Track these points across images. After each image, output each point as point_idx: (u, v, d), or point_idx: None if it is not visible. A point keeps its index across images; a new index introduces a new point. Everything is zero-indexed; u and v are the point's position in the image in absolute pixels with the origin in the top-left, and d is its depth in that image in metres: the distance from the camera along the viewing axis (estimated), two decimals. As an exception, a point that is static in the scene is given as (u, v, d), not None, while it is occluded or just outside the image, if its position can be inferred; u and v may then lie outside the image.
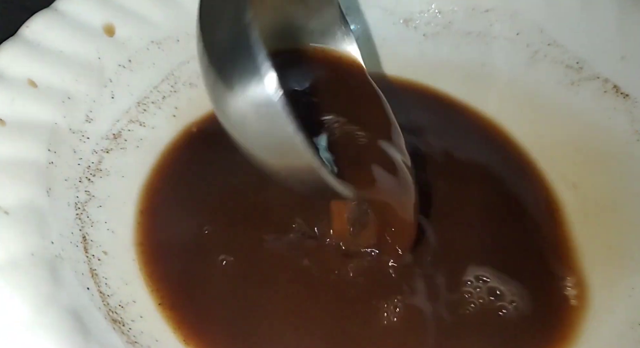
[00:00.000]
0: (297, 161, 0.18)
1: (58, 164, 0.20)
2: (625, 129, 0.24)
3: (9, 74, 0.20)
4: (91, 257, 0.20)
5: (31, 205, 0.19)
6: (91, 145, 0.22)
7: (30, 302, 0.16)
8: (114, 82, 0.23)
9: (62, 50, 0.22)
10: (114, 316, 0.19)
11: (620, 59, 0.25)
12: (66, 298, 0.17)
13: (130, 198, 0.23)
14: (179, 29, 0.25)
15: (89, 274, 0.19)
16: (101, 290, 0.19)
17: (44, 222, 0.19)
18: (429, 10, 0.28)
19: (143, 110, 0.24)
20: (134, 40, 0.24)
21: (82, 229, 0.20)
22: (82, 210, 0.21)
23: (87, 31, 0.23)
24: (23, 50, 0.21)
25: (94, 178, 0.22)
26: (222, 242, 0.22)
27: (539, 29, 0.27)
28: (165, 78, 0.25)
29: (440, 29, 0.28)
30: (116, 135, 0.23)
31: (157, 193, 0.23)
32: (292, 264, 0.21)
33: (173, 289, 0.20)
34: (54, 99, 0.21)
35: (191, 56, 0.26)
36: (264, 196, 0.23)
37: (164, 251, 0.21)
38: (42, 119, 0.20)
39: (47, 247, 0.18)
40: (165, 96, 0.25)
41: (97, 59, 0.23)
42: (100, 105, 0.23)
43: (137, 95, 0.24)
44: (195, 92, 0.26)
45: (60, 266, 0.18)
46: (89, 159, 0.22)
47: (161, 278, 0.21)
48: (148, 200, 0.23)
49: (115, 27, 0.23)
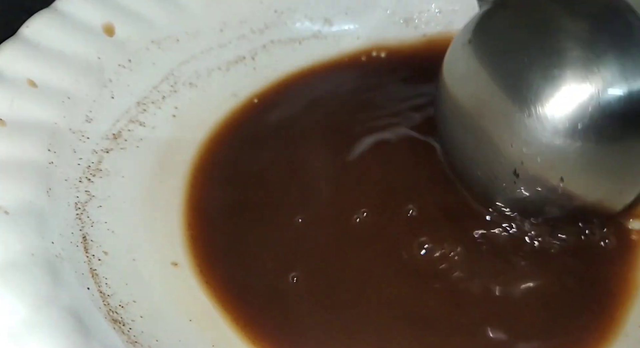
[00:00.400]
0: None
1: (58, 163, 0.20)
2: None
3: (9, 74, 0.20)
4: (91, 257, 0.20)
5: (31, 205, 0.19)
6: (91, 145, 0.22)
7: (30, 302, 0.16)
8: (114, 82, 0.23)
9: (62, 50, 0.22)
10: (114, 316, 0.19)
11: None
12: (66, 298, 0.17)
13: (131, 198, 0.23)
14: (178, 29, 0.25)
15: (89, 274, 0.19)
16: (101, 290, 0.19)
17: (44, 222, 0.19)
18: (429, 10, 0.28)
19: (143, 110, 0.24)
20: (134, 40, 0.24)
21: (82, 229, 0.20)
22: (82, 210, 0.21)
23: (87, 31, 0.23)
24: (23, 50, 0.21)
25: (94, 178, 0.22)
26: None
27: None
28: (165, 78, 0.25)
29: (441, 29, 0.28)
30: (116, 135, 0.23)
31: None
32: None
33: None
34: (54, 99, 0.21)
35: (191, 56, 0.26)
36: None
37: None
38: (42, 119, 0.20)
39: (47, 247, 0.18)
40: (165, 96, 0.25)
41: (97, 59, 0.23)
42: (100, 105, 0.23)
43: (137, 95, 0.24)
44: (195, 92, 0.26)
45: (60, 266, 0.18)
46: (89, 158, 0.22)
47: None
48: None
49: (115, 27, 0.23)
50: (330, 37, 0.27)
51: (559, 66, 0.18)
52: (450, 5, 0.28)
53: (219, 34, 0.27)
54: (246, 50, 0.27)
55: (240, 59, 0.27)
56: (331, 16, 0.28)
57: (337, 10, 0.28)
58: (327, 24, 0.28)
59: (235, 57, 0.27)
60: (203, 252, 0.22)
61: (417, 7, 0.28)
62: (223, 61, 0.27)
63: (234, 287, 0.21)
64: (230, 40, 0.27)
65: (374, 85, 0.27)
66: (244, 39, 0.27)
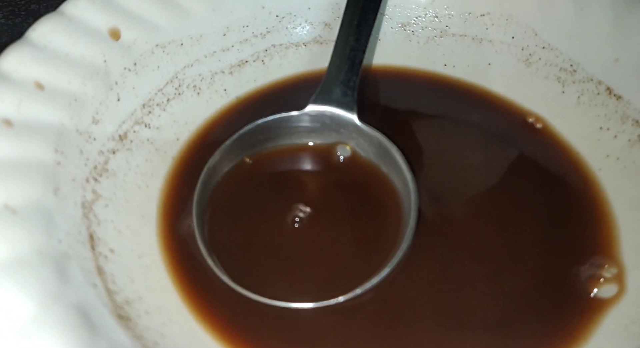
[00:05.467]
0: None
1: (65, 164, 0.20)
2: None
3: (17, 76, 0.20)
4: (98, 255, 0.20)
5: (38, 205, 0.19)
6: (98, 146, 0.22)
7: (38, 299, 0.17)
8: (120, 85, 0.24)
9: (69, 53, 0.22)
10: (120, 312, 0.19)
11: (614, 62, 0.25)
12: (73, 295, 0.17)
13: (136, 197, 0.23)
14: (183, 33, 0.26)
15: (96, 271, 0.19)
16: (108, 287, 0.19)
17: (51, 221, 0.19)
18: (426, 14, 0.29)
19: (148, 112, 0.25)
20: (139, 43, 0.24)
21: (89, 228, 0.20)
22: (89, 210, 0.21)
23: (93, 35, 0.23)
24: (30, 53, 0.21)
25: (101, 178, 0.22)
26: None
27: (534, 32, 0.27)
28: (169, 81, 0.26)
29: (437, 33, 0.29)
30: (122, 137, 0.23)
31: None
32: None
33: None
34: (61, 101, 0.21)
35: (195, 59, 0.26)
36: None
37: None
38: (49, 121, 0.21)
39: (54, 245, 0.18)
40: (169, 98, 0.26)
41: (103, 62, 0.23)
42: (107, 107, 0.23)
43: (142, 98, 0.24)
44: (199, 94, 0.27)
45: (67, 264, 0.18)
46: (96, 159, 0.22)
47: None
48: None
49: (121, 31, 0.24)
50: (331, 41, 0.27)
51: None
52: (446, 9, 0.29)
53: (222, 38, 0.27)
54: (249, 54, 0.28)
55: (243, 63, 0.28)
56: (331, 21, 0.29)
57: (336, 15, 0.28)
58: (328, 28, 0.29)
59: (238, 61, 0.28)
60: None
61: (414, 12, 0.29)
62: (226, 65, 0.27)
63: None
64: (233, 44, 0.27)
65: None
66: (246, 43, 0.28)
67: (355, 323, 0.21)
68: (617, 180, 0.24)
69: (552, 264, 0.22)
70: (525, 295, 0.21)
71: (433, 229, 0.23)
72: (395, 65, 0.29)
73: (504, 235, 0.23)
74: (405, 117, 0.27)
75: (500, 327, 0.21)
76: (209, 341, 0.20)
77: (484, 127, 0.27)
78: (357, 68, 0.25)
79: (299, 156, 0.25)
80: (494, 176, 0.25)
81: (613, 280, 0.22)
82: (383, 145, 0.23)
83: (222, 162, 0.24)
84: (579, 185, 0.25)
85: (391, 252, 0.22)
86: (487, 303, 0.21)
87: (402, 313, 0.21)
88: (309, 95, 0.24)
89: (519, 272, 0.22)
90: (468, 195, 0.24)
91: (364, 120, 0.24)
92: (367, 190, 0.24)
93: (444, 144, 0.27)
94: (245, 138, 0.24)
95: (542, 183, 0.25)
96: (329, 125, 0.24)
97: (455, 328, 0.21)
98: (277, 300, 0.20)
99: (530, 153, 0.26)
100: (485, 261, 0.22)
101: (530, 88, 0.27)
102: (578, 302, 0.21)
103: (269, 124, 0.24)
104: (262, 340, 0.21)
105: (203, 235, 0.22)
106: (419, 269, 0.22)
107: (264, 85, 0.28)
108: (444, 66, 0.29)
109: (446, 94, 0.28)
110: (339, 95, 0.24)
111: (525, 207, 0.24)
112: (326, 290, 0.21)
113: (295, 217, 0.23)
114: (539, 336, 0.21)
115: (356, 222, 0.23)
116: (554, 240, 0.23)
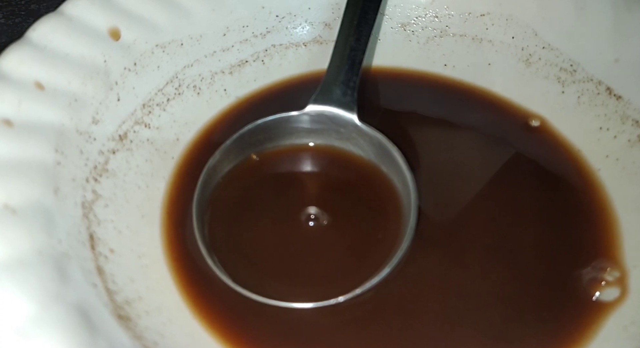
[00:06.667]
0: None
1: (65, 164, 0.20)
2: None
3: (17, 76, 0.20)
4: (98, 255, 0.20)
5: (38, 205, 0.19)
6: (98, 146, 0.22)
7: (38, 299, 0.17)
8: (120, 85, 0.24)
9: (69, 53, 0.22)
10: (120, 312, 0.19)
11: (614, 62, 0.25)
12: (73, 295, 0.18)
13: (136, 197, 0.23)
14: (183, 33, 0.26)
15: (96, 271, 0.19)
16: (108, 287, 0.19)
17: (51, 220, 0.19)
18: (426, 14, 0.29)
19: (148, 112, 0.25)
20: (139, 43, 0.24)
21: (89, 228, 0.20)
22: (89, 210, 0.21)
23: (93, 35, 0.23)
24: (30, 53, 0.21)
25: (101, 178, 0.22)
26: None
27: (534, 32, 0.27)
28: (169, 81, 0.26)
29: (437, 33, 0.29)
30: (122, 137, 0.24)
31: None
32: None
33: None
34: (61, 101, 0.21)
35: (195, 59, 0.26)
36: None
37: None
38: (49, 121, 0.21)
39: (55, 245, 0.18)
40: (169, 98, 0.26)
41: (103, 62, 0.23)
42: (107, 107, 0.23)
43: (142, 98, 0.24)
44: (199, 94, 0.27)
45: (67, 264, 0.18)
46: (96, 159, 0.22)
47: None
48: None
49: (121, 31, 0.24)
50: (331, 41, 0.28)
51: None
52: (446, 10, 0.29)
53: (222, 38, 0.27)
54: (249, 54, 0.28)
55: (243, 63, 0.28)
56: (331, 21, 0.29)
57: (336, 15, 0.28)
58: (328, 28, 0.29)
59: (238, 61, 0.28)
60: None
61: (414, 12, 0.29)
62: (226, 65, 0.27)
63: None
64: (233, 44, 0.27)
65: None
66: (246, 43, 0.28)
67: (355, 323, 0.21)
68: (617, 181, 0.24)
69: (553, 266, 0.22)
70: (526, 297, 0.21)
71: (433, 229, 0.23)
72: (395, 65, 0.29)
73: (504, 236, 0.23)
74: (405, 117, 0.28)
75: (501, 329, 0.21)
76: (209, 341, 0.20)
77: (483, 127, 0.27)
78: (357, 68, 0.25)
79: (299, 156, 0.25)
80: (493, 176, 0.25)
81: (615, 283, 0.22)
82: (383, 145, 0.23)
83: (222, 162, 0.24)
84: (579, 186, 0.25)
85: (391, 252, 0.22)
86: (489, 305, 0.21)
87: (402, 313, 0.21)
88: (309, 95, 0.24)
89: (520, 273, 0.22)
90: (468, 196, 0.24)
91: (364, 120, 0.24)
92: (367, 190, 0.24)
93: (444, 143, 0.27)
94: (245, 138, 0.24)
95: (542, 183, 0.25)
96: (329, 125, 0.25)
97: (456, 330, 0.21)
98: (277, 300, 0.20)
99: (530, 153, 0.26)
100: (486, 262, 0.22)
101: (530, 88, 0.28)
102: (580, 306, 0.21)
103: (269, 124, 0.24)
104: (262, 340, 0.21)
105: (203, 235, 0.22)
106: (419, 269, 0.22)
107: (264, 85, 0.28)
108: (444, 66, 0.29)
109: (446, 94, 0.28)
110: (339, 95, 0.24)
111: (525, 207, 0.24)
112: (326, 290, 0.21)
113: (295, 217, 0.23)
114: (540, 339, 0.20)
115: (356, 222, 0.23)
116: (556, 242, 0.23)
